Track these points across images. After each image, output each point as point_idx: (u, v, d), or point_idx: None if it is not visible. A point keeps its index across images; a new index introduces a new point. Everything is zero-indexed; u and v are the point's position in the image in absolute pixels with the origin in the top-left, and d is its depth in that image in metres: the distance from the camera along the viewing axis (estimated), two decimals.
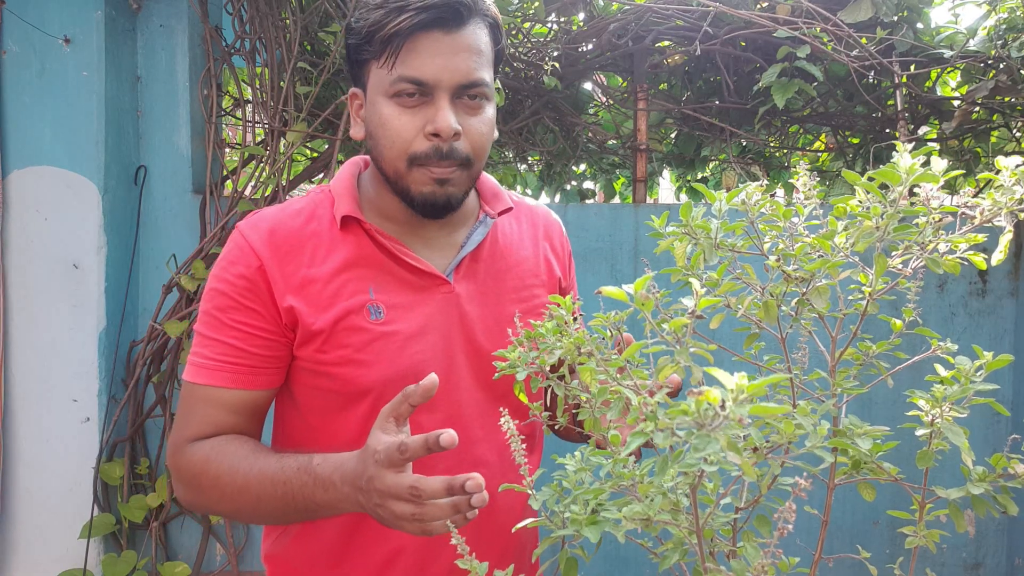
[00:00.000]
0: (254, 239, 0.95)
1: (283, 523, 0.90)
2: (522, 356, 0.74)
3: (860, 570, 2.21)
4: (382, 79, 0.91)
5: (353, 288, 0.95)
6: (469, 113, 0.92)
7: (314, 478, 0.83)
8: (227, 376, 0.93)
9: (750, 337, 0.72)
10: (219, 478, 0.89)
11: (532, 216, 1.15)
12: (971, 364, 0.62)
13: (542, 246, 1.12)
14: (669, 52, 2.45)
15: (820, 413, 0.60)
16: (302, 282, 0.94)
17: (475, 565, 0.73)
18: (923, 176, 0.57)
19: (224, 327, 0.93)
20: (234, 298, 0.93)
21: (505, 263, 1.06)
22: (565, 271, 1.16)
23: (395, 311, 0.96)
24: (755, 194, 0.66)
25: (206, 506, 0.94)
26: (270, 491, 0.86)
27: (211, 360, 0.93)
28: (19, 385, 2.23)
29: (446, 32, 0.89)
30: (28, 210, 2.21)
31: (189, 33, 2.32)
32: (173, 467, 0.95)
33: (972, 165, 2.39)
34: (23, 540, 2.26)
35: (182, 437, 0.94)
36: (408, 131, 0.90)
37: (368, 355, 0.94)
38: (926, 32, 2.21)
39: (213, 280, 0.95)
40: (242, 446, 0.92)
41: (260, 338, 0.94)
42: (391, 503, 0.75)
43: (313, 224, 0.97)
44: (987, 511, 0.63)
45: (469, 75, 0.90)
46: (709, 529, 0.64)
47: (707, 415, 0.42)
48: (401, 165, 0.92)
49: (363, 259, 0.96)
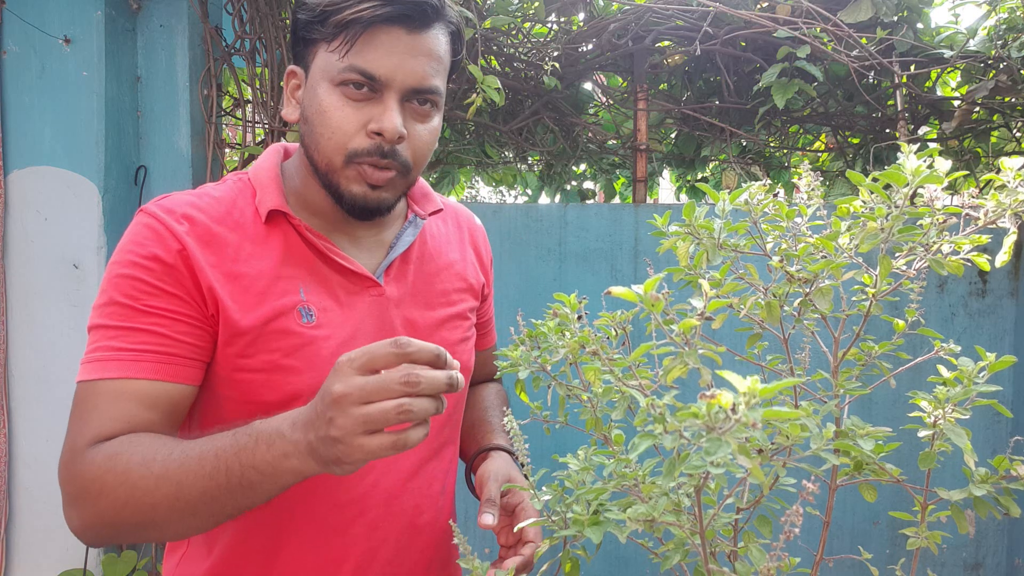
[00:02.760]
0: (170, 223, 0.85)
1: (203, 522, 0.75)
2: (524, 355, 0.74)
3: (861, 570, 2.21)
4: (330, 64, 0.85)
5: (283, 287, 0.88)
6: (416, 119, 0.87)
7: (255, 437, 0.72)
8: (148, 366, 0.81)
9: (753, 337, 0.72)
10: (128, 472, 0.74)
11: (457, 218, 1.11)
12: (973, 365, 0.62)
13: (468, 250, 1.10)
14: (669, 52, 2.45)
15: (823, 414, 0.60)
16: (227, 275, 0.85)
17: (476, 565, 0.73)
18: (929, 178, 0.57)
19: (139, 314, 0.82)
20: (151, 283, 0.82)
21: (435, 265, 1.02)
22: (488, 277, 1.13)
23: (326, 314, 0.89)
24: (758, 194, 0.66)
25: (110, 517, 0.76)
26: (195, 470, 0.72)
27: (126, 351, 0.81)
28: (19, 385, 2.23)
29: (408, 31, 0.84)
30: (28, 210, 2.20)
31: (189, 33, 2.32)
32: (67, 479, 0.79)
33: (972, 165, 2.39)
34: (23, 540, 2.25)
35: (80, 441, 0.79)
36: (350, 125, 0.84)
37: (297, 361, 0.86)
38: (926, 32, 2.21)
39: (119, 266, 0.84)
40: (160, 437, 0.79)
41: (184, 324, 0.83)
42: (368, 409, 0.64)
43: (235, 214, 0.89)
44: (988, 512, 0.63)
45: (424, 80, 0.85)
46: (711, 530, 0.64)
47: (718, 419, 0.42)
48: (337, 159, 0.86)
49: (291, 257, 0.90)
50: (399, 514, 0.94)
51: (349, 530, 0.91)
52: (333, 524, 0.90)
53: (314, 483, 0.88)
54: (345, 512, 0.90)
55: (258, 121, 2.40)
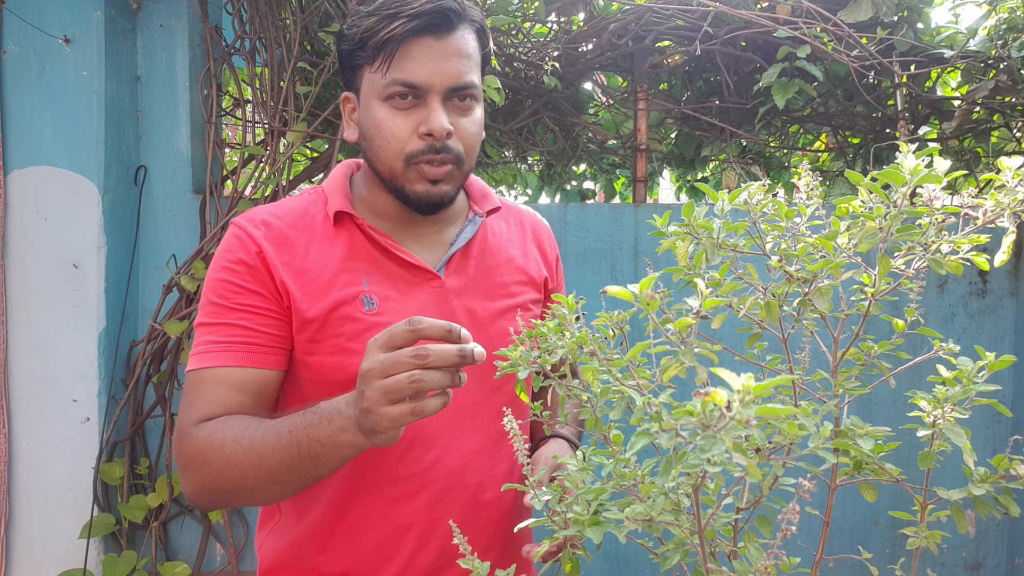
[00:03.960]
0: (251, 230, 0.98)
1: (285, 488, 0.88)
2: (523, 355, 0.74)
3: (861, 570, 2.21)
4: (376, 83, 0.95)
5: (347, 279, 0.98)
6: (459, 114, 0.97)
7: (319, 415, 0.83)
8: (236, 355, 0.94)
9: (752, 337, 0.72)
10: (224, 445, 0.88)
11: (520, 218, 1.19)
12: (973, 365, 0.62)
13: (531, 247, 1.16)
14: (669, 52, 2.45)
15: (822, 414, 0.60)
16: (297, 271, 0.97)
17: (476, 564, 0.73)
18: (927, 177, 0.57)
19: (230, 311, 0.95)
20: (237, 283, 0.95)
21: (494, 260, 1.09)
22: (552, 272, 1.19)
23: (388, 303, 0.98)
24: (757, 194, 0.66)
25: (211, 484, 0.90)
26: (273, 443, 0.85)
27: (219, 343, 0.94)
28: (19, 385, 2.23)
29: (436, 38, 0.93)
30: (28, 210, 2.20)
31: (189, 33, 2.32)
32: (179, 454, 0.93)
33: (972, 165, 2.39)
34: (23, 540, 2.26)
35: (187, 422, 0.93)
36: (403, 132, 0.94)
37: (360, 344, 0.95)
38: (926, 32, 2.21)
39: (214, 271, 0.98)
40: (250, 417, 0.92)
41: (267, 317, 0.95)
42: (387, 381, 0.73)
43: (307, 219, 1.01)
44: (988, 512, 0.63)
45: (459, 78, 0.95)
46: (710, 530, 0.64)
47: (713, 416, 0.42)
48: (398, 165, 0.96)
49: (356, 253, 1.00)
50: (461, 489, 1.01)
51: (412, 501, 1.00)
52: (398, 495, 0.99)
53: (381, 460, 0.98)
54: (408, 485, 1.00)
55: (258, 121, 2.40)
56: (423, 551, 1.00)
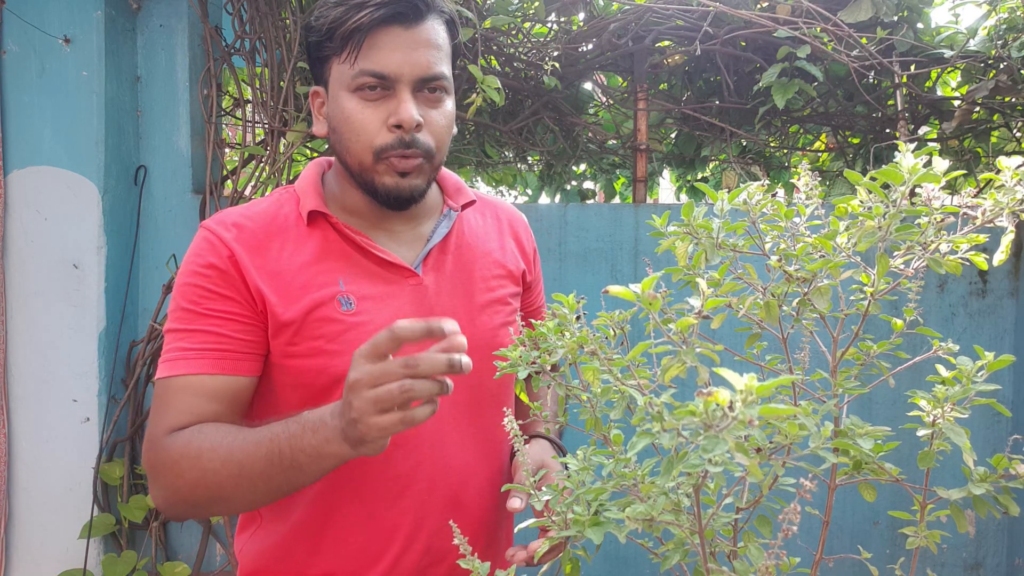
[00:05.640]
0: (221, 232, 0.95)
1: (264, 496, 0.86)
2: (523, 355, 0.74)
3: (861, 570, 2.21)
4: (344, 74, 0.93)
5: (323, 280, 0.96)
6: (429, 105, 0.95)
7: (303, 425, 0.81)
8: (209, 362, 0.91)
9: (751, 337, 0.72)
10: (200, 455, 0.85)
11: (496, 211, 1.17)
12: (972, 364, 0.62)
13: (508, 240, 1.15)
14: (669, 52, 2.45)
15: (822, 413, 0.60)
16: (271, 274, 0.94)
17: (476, 565, 0.73)
18: (925, 176, 0.57)
19: (201, 317, 0.92)
20: (208, 288, 0.93)
21: (472, 254, 1.08)
22: (530, 265, 1.18)
23: (366, 302, 0.96)
24: (757, 194, 0.66)
25: (186, 495, 0.88)
26: (254, 452, 0.83)
27: (190, 350, 0.91)
28: (19, 385, 2.23)
29: (405, 27, 0.92)
30: (28, 210, 2.20)
31: (189, 33, 2.32)
32: (150, 464, 0.91)
33: (972, 165, 2.39)
34: (23, 540, 2.25)
35: (159, 431, 0.90)
36: (372, 124, 0.92)
37: (339, 345, 0.94)
38: (926, 32, 2.21)
39: (183, 276, 0.95)
40: (225, 426, 0.90)
41: (238, 323, 0.93)
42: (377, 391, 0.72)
43: (279, 220, 0.99)
44: (987, 511, 0.63)
45: (429, 68, 0.93)
46: (710, 529, 0.64)
47: (715, 416, 0.42)
48: (367, 158, 0.94)
49: (331, 252, 0.98)
50: (443, 488, 1.01)
51: (398, 502, 0.99)
52: (384, 496, 0.99)
53: (365, 463, 0.96)
54: (393, 487, 0.99)
55: (258, 121, 2.40)
56: (408, 551, 0.99)
